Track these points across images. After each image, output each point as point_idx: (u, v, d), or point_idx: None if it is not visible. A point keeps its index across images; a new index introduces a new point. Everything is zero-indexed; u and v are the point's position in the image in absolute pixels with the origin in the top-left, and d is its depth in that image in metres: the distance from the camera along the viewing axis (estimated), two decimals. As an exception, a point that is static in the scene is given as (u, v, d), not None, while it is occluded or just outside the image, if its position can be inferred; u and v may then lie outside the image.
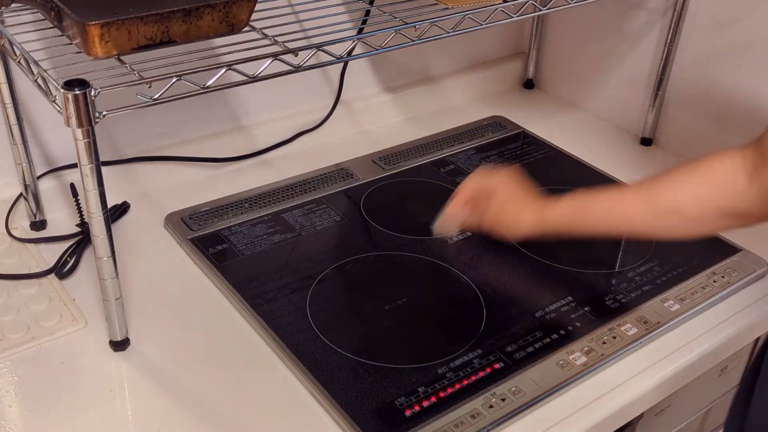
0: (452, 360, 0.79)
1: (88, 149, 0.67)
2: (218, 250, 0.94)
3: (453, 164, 1.16)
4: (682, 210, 0.77)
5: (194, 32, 0.72)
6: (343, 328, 0.84)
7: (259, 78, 0.75)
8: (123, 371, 0.79)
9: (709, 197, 0.76)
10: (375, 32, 0.85)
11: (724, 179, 0.75)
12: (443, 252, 0.96)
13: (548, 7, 0.99)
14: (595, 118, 1.34)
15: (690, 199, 0.77)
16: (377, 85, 1.30)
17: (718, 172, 0.76)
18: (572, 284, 0.91)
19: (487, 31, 1.38)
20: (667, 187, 0.79)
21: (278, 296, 0.87)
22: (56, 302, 0.86)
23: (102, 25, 0.66)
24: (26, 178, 0.95)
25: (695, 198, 0.77)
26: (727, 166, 0.75)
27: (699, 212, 0.77)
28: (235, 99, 1.15)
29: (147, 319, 0.84)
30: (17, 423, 0.72)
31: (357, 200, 1.07)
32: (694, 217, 0.77)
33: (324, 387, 0.75)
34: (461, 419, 0.73)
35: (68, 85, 0.64)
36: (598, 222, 0.84)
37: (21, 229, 0.98)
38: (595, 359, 0.80)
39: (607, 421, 0.77)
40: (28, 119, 0.96)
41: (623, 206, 0.82)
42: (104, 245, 0.73)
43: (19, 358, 0.79)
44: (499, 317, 0.86)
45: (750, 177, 0.73)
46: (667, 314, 0.87)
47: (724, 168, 0.75)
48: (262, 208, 1.03)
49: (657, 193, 0.79)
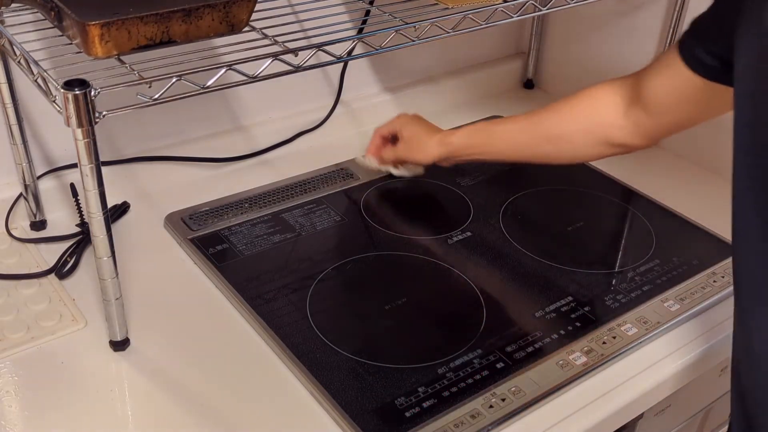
0: (452, 360, 0.79)
1: (88, 149, 0.67)
2: (218, 250, 0.94)
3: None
4: (568, 138, 0.90)
5: (194, 32, 0.72)
6: (343, 328, 0.84)
7: (259, 78, 0.75)
8: (123, 371, 0.78)
9: (591, 127, 0.88)
10: (375, 32, 0.85)
11: (605, 111, 0.86)
12: (443, 252, 0.96)
13: (548, 7, 0.99)
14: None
15: (574, 129, 0.89)
16: (377, 85, 1.30)
17: (600, 104, 0.87)
18: (572, 284, 0.91)
19: (487, 31, 1.38)
20: (555, 116, 0.91)
21: (278, 296, 0.87)
22: (56, 302, 0.86)
23: (102, 25, 0.66)
24: (26, 178, 0.95)
25: (579, 127, 0.89)
26: (609, 98, 0.86)
27: (582, 140, 0.89)
28: (235, 99, 1.15)
29: (147, 319, 0.84)
30: (17, 423, 0.72)
31: (357, 200, 1.07)
32: (578, 145, 0.89)
33: (324, 387, 0.75)
34: (461, 419, 0.73)
35: (68, 85, 0.64)
36: (494, 147, 0.96)
37: (21, 229, 0.98)
38: (595, 359, 0.80)
39: (607, 421, 0.77)
40: (28, 119, 0.96)
41: (516, 134, 0.94)
42: (104, 245, 0.73)
43: (19, 358, 0.79)
44: (499, 317, 0.86)
45: (626, 111, 0.84)
46: (667, 314, 0.87)
47: (606, 101, 0.86)
48: (262, 208, 1.03)
49: (546, 122, 0.91)
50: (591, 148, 0.90)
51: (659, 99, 0.81)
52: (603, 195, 1.11)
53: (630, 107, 0.84)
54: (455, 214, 1.05)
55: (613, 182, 1.13)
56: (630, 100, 0.85)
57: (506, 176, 1.14)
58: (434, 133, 1.03)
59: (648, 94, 0.82)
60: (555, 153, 0.92)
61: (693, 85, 0.77)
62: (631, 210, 1.09)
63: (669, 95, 0.80)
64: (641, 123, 0.84)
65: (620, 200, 1.11)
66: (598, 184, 1.13)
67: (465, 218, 1.04)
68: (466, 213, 1.05)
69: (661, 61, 0.81)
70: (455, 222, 1.02)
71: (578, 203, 1.09)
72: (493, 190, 1.10)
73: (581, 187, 1.13)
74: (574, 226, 1.03)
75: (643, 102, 0.83)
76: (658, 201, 1.08)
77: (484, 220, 1.03)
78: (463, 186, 1.11)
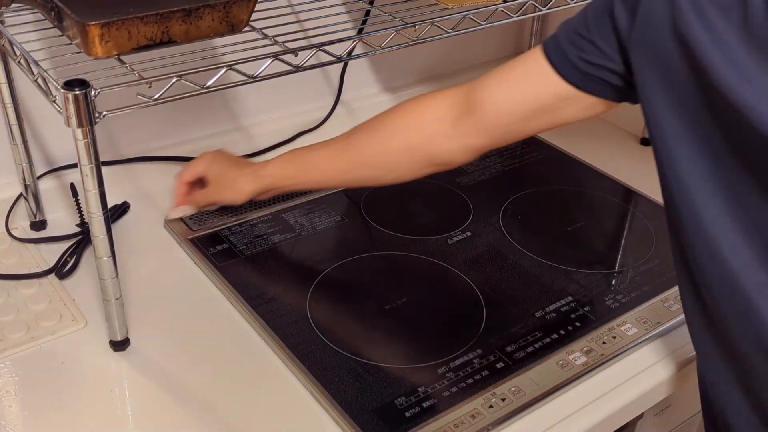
0: (452, 360, 0.79)
1: (88, 149, 0.67)
2: (218, 250, 0.94)
3: (453, 164, 1.16)
4: (387, 160, 0.83)
5: (194, 32, 0.72)
6: (343, 328, 0.84)
7: (259, 78, 0.75)
8: (123, 371, 0.78)
9: (413, 146, 0.81)
10: (375, 32, 0.85)
11: (430, 127, 0.80)
12: (443, 252, 0.96)
13: (548, 7, 0.99)
14: (594, 118, 1.34)
15: (394, 148, 0.82)
16: (377, 85, 1.30)
17: (425, 119, 0.80)
18: (572, 284, 0.91)
19: (487, 31, 1.38)
20: (373, 137, 0.84)
21: (278, 296, 0.87)
22: (56, 302, 0.86)
23: (102, 25, 0.66)
24: (26, 178, 0.95)
25: (399, 146, 0.82)
26: (437, 116, 0.79)
27: (405, 160, 0.82)
28: (235, 99, 1.15)
29: (147, 319, 0.84)
30: (17, 423, 0.72)
31: (357, 200, 1.07)
32: (399, 166, 0.83)
33: (324, 387, 0.75)
34: (461, 419, 0.73)
35: (68, 85, 0.64)
36: (311, 176, 0.89)
37: (21, 229, 0.98)
38: (595, 359, 0.80)
39: (607, 421, 0.77)
40: (28, 119, 0.96)
41: (332, 160, 0.87)
42: (104, 245, 0.73)
43: (19, 358, 0.79)
44: (499, 317, 0.86)
45: (455, 126, 0.78)
46: (667, 314, 0.87)
47: (431, 115, 0.80)
48: (262, 208, 1.03)
49: (364, 144, 0.84)
50: (415, 169, 0.84)
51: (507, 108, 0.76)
52: (603, 195, 1.11)
53: (458, 121, 0.78)
54: (455, 214, 1.05)
55: (613, 182, 1.13)
56: (459, 112, 0.79)
57: (506, 176, 1.14)
58: (244, 168, 0.93)
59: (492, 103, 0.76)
60: (375, 177, 0.86)
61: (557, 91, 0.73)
62: (631, 210, 1.09)
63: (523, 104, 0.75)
64: (471, 138, 0.78)
65: (620, 200, 1.11)
66: (598, 184, 1.13)
67: (465, 218, 1.04)
68: (466, 213, 1.05)
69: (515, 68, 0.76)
70: (455, 222, 1.02)
71: (578, 203, 1.09)
72: (493, 190, 1.11)
73: (581, 187, 1.13)
74: (574, 226, 1.03)
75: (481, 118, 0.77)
76: (658, 201, 1.08)
77: (484, 220, 1.03)
78: (463, 186, 1.11)
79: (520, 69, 0.76)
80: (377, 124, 0.84)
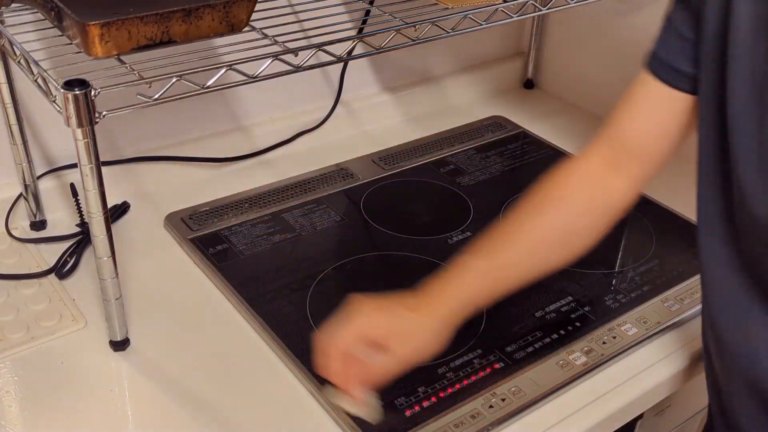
0: (452, 360, 0.79)
1: (88, 149, 0.67)
2: (218, 250, 0.94)
3: (453, 164, 1.16)
4: (573, 230, 0.77)
5: (194, 32, 0.72)
6: (343, 328, 0.84)
7: (259, 78, 0.75)
8: (123, 371, 0.79)
9: (593, 205, 0.77)
10: (375, 32, 0.85)
11: (596, 183, 0.77)
12: (443, 252, 0.96)
13: (548, 7, 0.99)
14: (595, 118, 1.34)
15: (575, 214, 0.77)
16: (377, 85, 1.30)
17: (589, 180, 0.77)
18: (572, 284, 0.91)
19: (487, 31, 1.38)
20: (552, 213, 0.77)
21: (278, 296, 0.87)
22: (56, 302, 0.86)
23: (102, 25, 0.66)
24: (26, 178, 0.95)
25: (580, 211, 0.77)
26: (594, 169, 0.77)
27: (590, 222, 0.77)
28: (235, 99, 1.15)
29: (147, 319, 0.84)
30: (17, 423, 0.72)
31: (357, 200, 1.07)
32: (588, 230, 0.78)
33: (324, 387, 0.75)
34: (461, 419, 0.73)
35: (68, 85, 0.64)
36: (512, 276, 0.76)
37: (21, 229, 0.98)
38: (595, 359, 0.80)
39: (607, 421, 0.77)
40: (28, 119, 0.96)
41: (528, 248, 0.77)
42: (104, 245, 0.73)
43: (19, 358, 0.79)
44: (499, 317, 0.86)
45: (614, 170, 0.76)
46: (667, 314, 0.87)
47: (592, 173, 0.77)
48: (262, 208, 1.03)
49: (548, 224, 0.77)
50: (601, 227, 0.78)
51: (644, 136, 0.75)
52: (603, 195, 1.11)
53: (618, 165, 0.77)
54: (455, 214, 1.05)
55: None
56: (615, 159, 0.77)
57: (506, 176, 1.14)
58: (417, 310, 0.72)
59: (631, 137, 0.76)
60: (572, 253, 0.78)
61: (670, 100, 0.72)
62: (631, 210, 1.09)
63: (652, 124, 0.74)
64: (633, 173, 0.77)
65: (620, 200, 1.11)
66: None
67: (465, 218, 1.04)
68: (466, 213, 1.05)
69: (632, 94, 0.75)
70: (455, 222, 1.02)
71: (578, 203, 1.09)
72: (493, 190, 1.10)
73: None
74: (574, 226, 1.03)
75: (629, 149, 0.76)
76: (658, 201, 1.08)
77: (484, 220, 1.03)
78: (463, 186, 1.11)
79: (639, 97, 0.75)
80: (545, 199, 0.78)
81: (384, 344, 0.69)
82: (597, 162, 0.78)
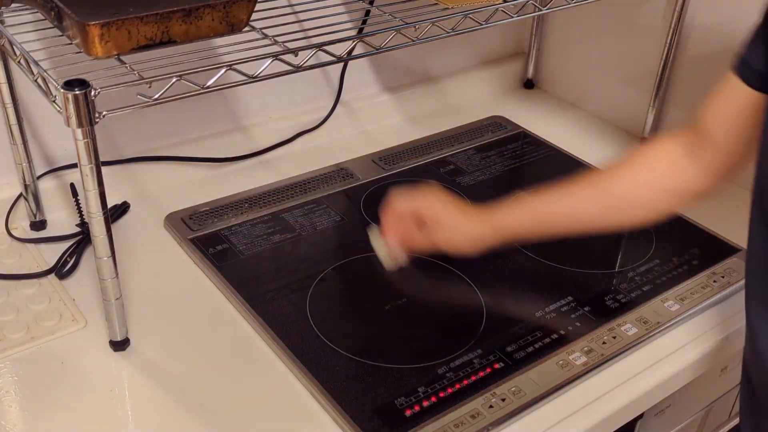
0: (452, 360, 0.79)
1: (88, 149, 0.67)
2: (218, 250, 0.94)
3: (453, 164, 1.16)
4: (631, 198, 0.82)
5: (194, 32, 0.72)
6: (343, 328, 0.84)
7: (259, 78, 0.75)
8: (123, 371, 0.79)
9: (655, 180, 0.81)
10: (375, 32, 0.85)
11: (667, 162, 0.80)
12: (443, 252, 0.96)
13: (548, 7, 0.99)
14: (595, 118, 1.34)
15: (637, 185, 0.81)
16: (377, 85, 1.30)
17: (660, 156, 0.81)
18: (572, 284, 0.91)
19: (487, 31, 1.38)
20: (615, 178, 0.83)
21: (278, 296, 0.87)
22: (56, 302, 0.86)
23: (102, 25, 0.66)
24: (26, 178, 0.95)
25: (642, 183, 0.81)
26: (668, 149, 0.81)
27: (648, 196, 0.81)
28: (235, 99, 1.15)
29: (147, 319, 0.84)
30: (17, 423, 0.72)
31: (357, 200, 1.07)
32: (643, 202, 0.82)
33: (324, 387, 0.75)
34: (461, 419, 0.73)
35: (68, 85, 0.64)
36: (556, 222, 0.85)
37: (21, 229, 0.98)
38: (595, 359, 0.80)
39: (607, 421, 0.77)
40: (28, 119, 0.96)
41: (577, 203, 0.84)
42: (104, 245, 0.73)
43: (19, 358, 0.79)
44: (499, 317, 0.86)
45: (689, 155, 0.79)
46: (667, 314, 0.87)
47: (665, 151, 0.81)
48: (262, 208, 1.03)
49: (607, 185, 0.83)
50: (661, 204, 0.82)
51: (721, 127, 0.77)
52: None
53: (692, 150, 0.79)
54: (455, 214, 1.05)
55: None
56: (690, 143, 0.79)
57: (506, 176, 1.14)
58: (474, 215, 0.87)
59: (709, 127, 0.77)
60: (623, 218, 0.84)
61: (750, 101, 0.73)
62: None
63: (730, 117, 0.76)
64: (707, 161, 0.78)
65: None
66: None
67: (465, 218, 1.03)
68: (466, 213, 1.05)
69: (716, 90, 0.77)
70: (455, 222, 1.02)
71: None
72: (493, 190, 1.10)
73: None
74: (574, 226, 1.03)
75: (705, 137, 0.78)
76: (658, 201, 1.08)
77: (484, 220, 1.03)
78: (463, 186, 1.11)
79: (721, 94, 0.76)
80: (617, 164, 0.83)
81: (428, 225, 0.86)
82: (674, 145, 0.80)
